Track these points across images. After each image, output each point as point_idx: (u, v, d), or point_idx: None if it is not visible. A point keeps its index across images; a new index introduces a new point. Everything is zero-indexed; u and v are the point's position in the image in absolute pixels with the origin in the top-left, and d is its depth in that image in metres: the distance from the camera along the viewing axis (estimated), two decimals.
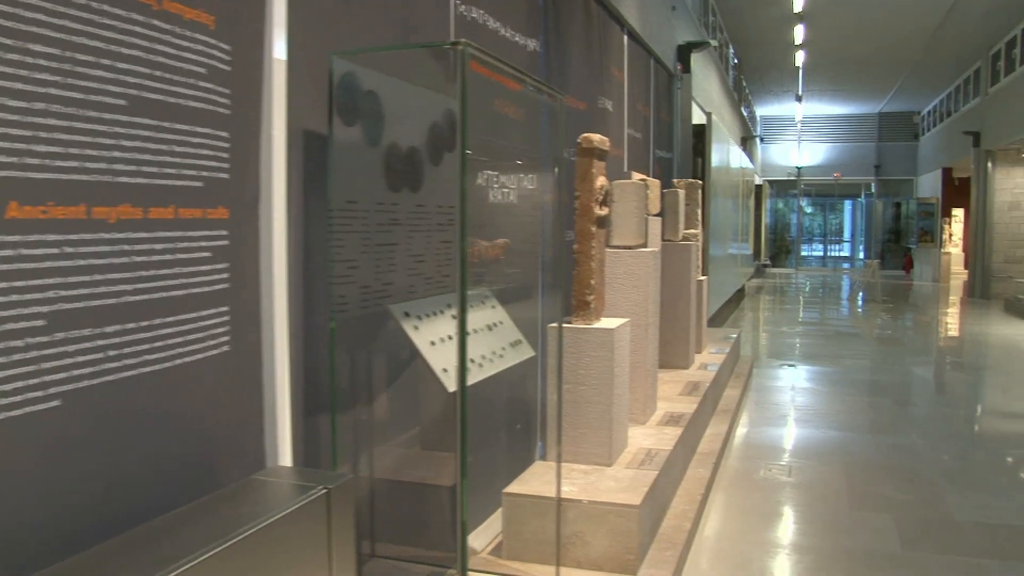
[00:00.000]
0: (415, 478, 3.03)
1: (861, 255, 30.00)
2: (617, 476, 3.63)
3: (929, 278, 22.83)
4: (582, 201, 3.80)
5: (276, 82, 2.31)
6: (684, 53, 9.51)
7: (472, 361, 2.59)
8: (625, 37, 6.80)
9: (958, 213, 21.68)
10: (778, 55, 18.39)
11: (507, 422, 4.14)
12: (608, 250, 4.56)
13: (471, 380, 2.55)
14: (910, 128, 27.16)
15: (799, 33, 15.77)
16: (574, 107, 5.19)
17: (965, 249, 20.40)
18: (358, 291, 2.55)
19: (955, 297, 18.26)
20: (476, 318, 2.86)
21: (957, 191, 22.33)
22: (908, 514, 4.39)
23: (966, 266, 19.96)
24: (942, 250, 21.98)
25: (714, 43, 10.43)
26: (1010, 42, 16.06)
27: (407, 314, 2.47)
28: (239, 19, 2.18)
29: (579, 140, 3.75)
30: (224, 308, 2.18)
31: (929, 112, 25.24)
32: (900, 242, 27.11)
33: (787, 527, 4.25)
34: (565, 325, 3.83)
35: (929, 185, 24.65)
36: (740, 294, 16.91)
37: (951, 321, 14.52)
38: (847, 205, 31.96)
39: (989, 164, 17.56)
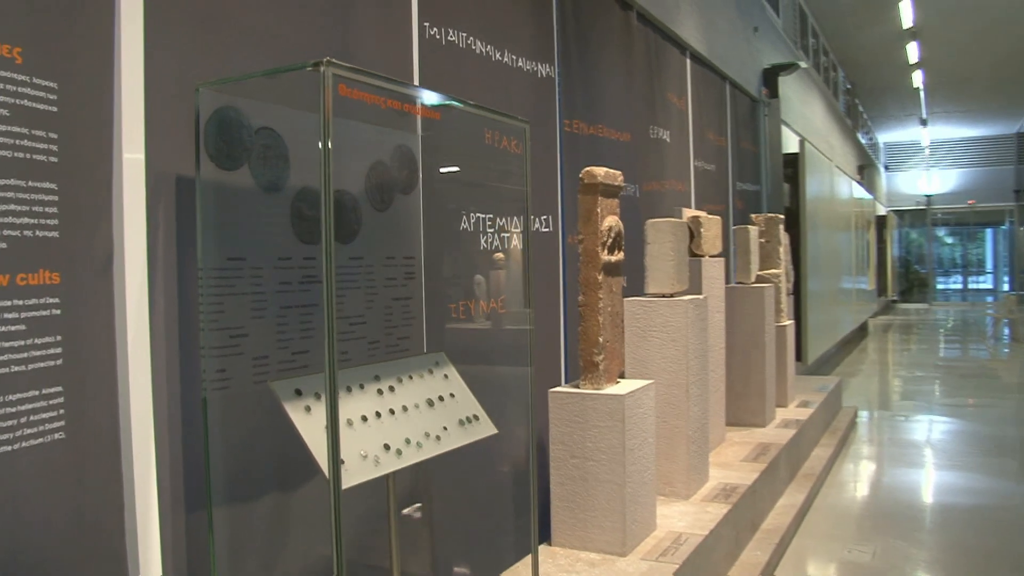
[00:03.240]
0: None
1: (1005, 287, 27.38)
2: (628, 571, 3.03)
3: None
4: (586, 246, 3.28)
5: (130, 123, 1.95)
6: (771, 77, 8.78)
7: (387, 447, 2.12)
8: (688, 61, 6.23)
9: None
10: (893, 77, 17.08)
11: (512, 496, 3.62)
12: (641, 299, 4.00)
13: (381, 471, 2.08)
14: None
15: (913, 51, 14.55)
16: (612, 138, 4.68)
17: None
18: (249, 364, 2.14)
19: None
20: (416, 390, 2.39)
21: None
22: None
23: None
24: None
25: (803, 64, 9.60)
26: None
27: (299, 392, 2.03)
28: (66, 52, 1.84)
29: (580, 175, 3.25)
30: (55, 389, 1.82)
31: None
32: None
33: None
34: (570, 390, 3.29)
35: None
36: (862, 333, 15.59)
37: None
38: (988, 234, 29.41)
39: None
